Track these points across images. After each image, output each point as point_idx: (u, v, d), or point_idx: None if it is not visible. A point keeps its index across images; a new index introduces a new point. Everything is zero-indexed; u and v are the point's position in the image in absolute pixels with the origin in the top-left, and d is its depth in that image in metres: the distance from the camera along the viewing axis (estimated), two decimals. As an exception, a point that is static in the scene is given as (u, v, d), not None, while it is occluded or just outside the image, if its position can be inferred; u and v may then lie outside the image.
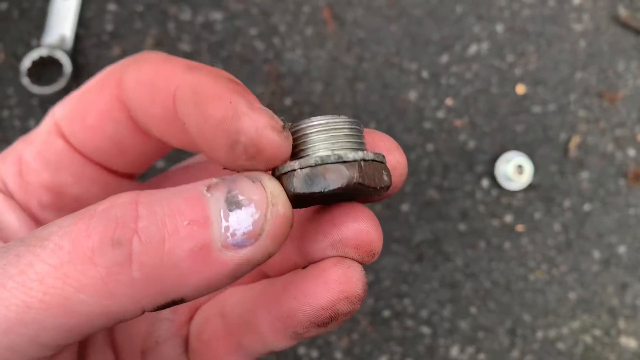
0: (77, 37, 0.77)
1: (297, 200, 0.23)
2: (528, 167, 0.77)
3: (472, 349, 0.78)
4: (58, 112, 0.28)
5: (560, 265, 0.80)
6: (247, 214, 0.21)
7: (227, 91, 0.23)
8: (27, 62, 0.73)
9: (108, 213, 0.20)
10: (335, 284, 0.24)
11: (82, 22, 0.77)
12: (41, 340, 0.20)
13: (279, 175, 0.24)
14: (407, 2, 0.81)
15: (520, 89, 0.81)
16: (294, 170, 0.23)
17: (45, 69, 0.75)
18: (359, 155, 0.23)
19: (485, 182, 0.79)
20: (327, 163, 0.23)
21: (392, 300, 0.78)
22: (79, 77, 0.77)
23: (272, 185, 0.22)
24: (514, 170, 0.77)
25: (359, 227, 0.24)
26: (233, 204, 0.21)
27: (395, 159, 0.26)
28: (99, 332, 0.29)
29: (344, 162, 0.23)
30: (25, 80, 0.73)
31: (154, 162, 0.31)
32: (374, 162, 0.24)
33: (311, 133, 0.24)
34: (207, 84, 0.23)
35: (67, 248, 0.20)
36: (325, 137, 0.24)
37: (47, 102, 0.76)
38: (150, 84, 0.24)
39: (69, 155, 0.28)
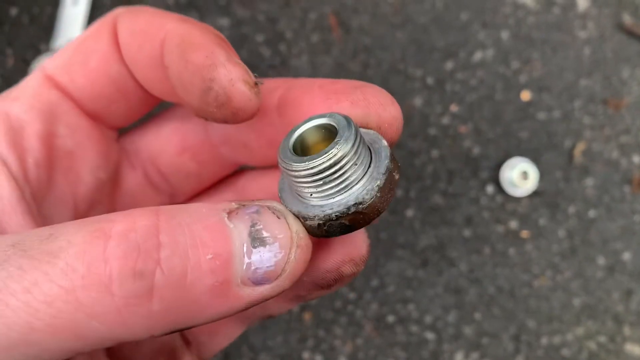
0: (86, 43, 0.78)
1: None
2: (533, 174, 0.78)
3: (476, 354, 0.78)
4: (50, 64, 0.27)
5: (564, 272, 0.80)
6: (270, 253, 0.20)
7: (210, 43, 0.23)
8: (36, 67, 0.74)
9: (127, 237, 0.19)
10: (339, 247, 0.24)
11: (91, 27, 0.78)
12: (43, 359, 0.19)
13: (297, 214, 0.22)
14: (413, 9, 0.81)
15: (525, 95, 0.81)
16: (315, 216, 0.22)
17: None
18: (372, 191, 0.22)
19: (490, 188, 0.80)
20: (347, 214, 0.22)
21: (397, 306, 0.78)
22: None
23: (297, 225, 0.22)
24: (519, 176, 0.77)
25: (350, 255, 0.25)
26: (257, 241, 0.20)
27: (391, 115, 0.26)
28: None
29: (361, 204, 0.22)
30: (35, 85, 0.74)
31: (142, 116, 0.30)
32: (385, 183, 0.22)
33: (316, 173, 0.22)
34: (194, 34, 0.24)
35: (82, 271, 0.18)
36: (336, 176, 0.22)
37: (56, 107, 0.77)
38: (142, 30, 0.25)
39: (64, 106, 0.27)
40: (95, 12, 0.78)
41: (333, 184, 0.22)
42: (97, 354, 0.28)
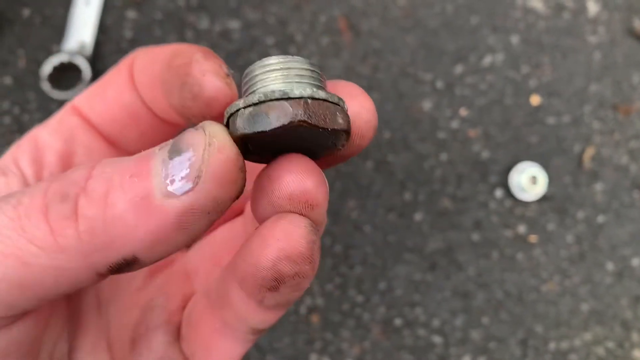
0: (97, 44, 0.78)
1: (246, 146, 0.22)
2: (542, 178, 0.78)
3: (483, 358, 0.78)
4: (77, 99, 0.31)
5: (573, 277, 0.79)
6: (184, 158, 0.20)
7: (193, 50, 0.26)
8: (47, 68, 0.75)
9: (67, 174, 0.22)
10: (273, 241, 0.22)
11: (102, 28, 0.79)
12: None
13: (228, 117, 0.23)
14: (423, 12, 0.81)
15: (535, 100, 0.81)
16: (239, 109, 0.22)
17: (65, 74, 0.76)
18: (307, 91, 0.21)
19: (498, 193, 0.80)
20: (271, 100, 0.21)
21: (404, 309, 0.78)
22: (98, 83, 0.78)
23: (213, 128, 0.21)
24: (528, 181, 0.77)
25: (291, 177, 0.22)
26: (174, 152, 0.21)
27: (359, 104, 0.24)
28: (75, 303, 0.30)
29: (289, 98, 0.21)
30: (46, 86, 0.75)
31: (155, 142, 0.32)
32: (325, 102, 0.21)
33: (261, 73, 0.22)
34: (182, 47, 0.26)
35: (26, 203, 0.21)
36: (275, 75, 0.22)
37: (67, 108, 0.78)
38: (149, 59, 0.28)
39: (82, 129, 0.30)
40: (106, 13, 0.79)
41: (295, 78, 0.22)
42: (93, 338, 0.29)
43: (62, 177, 0.21)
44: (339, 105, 0.22)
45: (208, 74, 0.24)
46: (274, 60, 0.22)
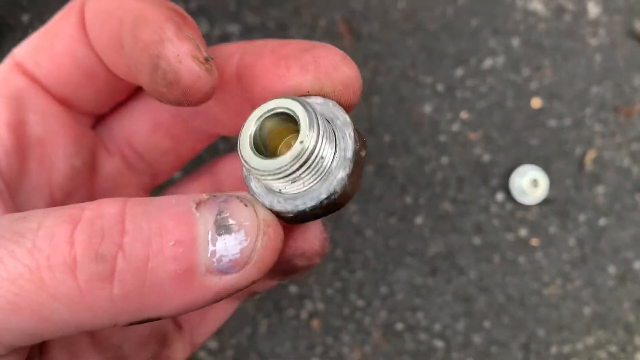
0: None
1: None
2: (543, 181, 0.77)
3: (485, 363, 0.77)
4: (18, 51, 0.27)
5: (575, 280, 0.79)
6: (236, 240, 0.20)
7: (162, 18, 0.22)
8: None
9: (94, 222, 0.19)
10: (292, 241, 0.24)
11: (102, 34, 0.79)
12: (5, 340, 0.19)
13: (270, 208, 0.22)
14: (423, 16, 0.81)
15: (536, 102, 0.81)
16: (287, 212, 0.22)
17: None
18: (342, 181, 0.22)
19: (499, 196, 0.79)
20: (320, 207, 0.22)
21: (406, 314, 0.78)
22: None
23: (265, 213, 0.21)
24: (529, 184, 0.77)
25: (312, 246, 0.25)
26: (222, 228, 0.20)
27: (345, 75, 0.24)
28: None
29: (333, 196, 0.22)
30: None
31: (117, 102, 0.30)
32: (354, 168, 0.22)
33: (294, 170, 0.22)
34: (147, 9, 0.22)
35: (47, 252, 0.19)
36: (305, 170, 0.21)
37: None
38: (104, 9, 0.24)
39: (32, 92, 0.26)
40: (106, 18, 0.79)
41: (301, 180, 0.21)
42: (79, 343, 0.27)
43: (88, 224, 0.19)
44: (357, 151, 0.22)
45: (185, 59, 0.22)
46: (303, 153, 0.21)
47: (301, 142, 0.20)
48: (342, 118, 0.23)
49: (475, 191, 0.79)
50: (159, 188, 0.35)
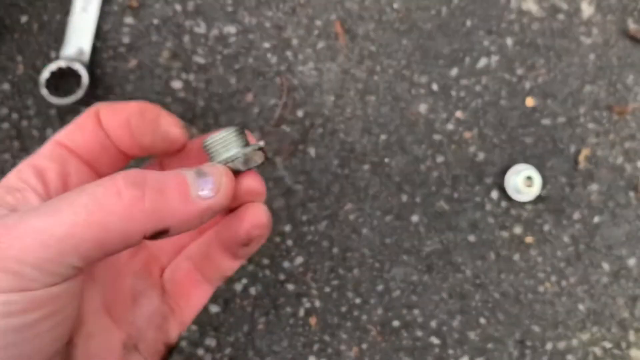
0: (94, 49, 0.79)
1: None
2: (537, 179, 0.78)
3: (481, 359, 0.78)
4: (58, 135, 0.39)
5: (569, 277, 0.80)
6: (209, 179, 0.35)
7: (159, 109, 0.40)
8: (45, 74, 0.75)
9: (126, 174, 0.32)
10: (248, 217, 0.40)
11: (100, 34, 0.79)
12: (81, 250, 0.29)
13: (225, 160, 0.38)
14: (418, 16, 0.82)
15: (530, 101, 0.82)
16: (236, 158, 0.38)
17: (63, 80, 0.77)
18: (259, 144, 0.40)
19: (494, 194, 0.80)
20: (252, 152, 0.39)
21: (402, 311, 0.78)
22: (95, 87, 0.78)
23: (222, 166, 0.37)
24: (524, 182, 0.77)
25: (252, 184, 0.40)
26: (201, 174, 0.35)
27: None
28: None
29: (258, 149, 0.40)
30: (44, 92, 0.75)
31: (120, 168, 0.43)
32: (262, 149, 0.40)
33: (226, 143, 0.39)
34: (148, 106, 0.39)
35: (101, 191, 0.31)
36: (237, 143, 0.39)
37: (65, 113, 0.78)
38: (113, 110, 0.39)
39: (71, 157, 0.39)
40: (103, 19, 0.79)
41: (231, 146, 0.39)
42: (102, 321, 0.39)
43: (122, 175, 0.32)
44: (263, 150, 0.40)
45: (172, 126, 0.39)
46: (225, 134, 0.40)
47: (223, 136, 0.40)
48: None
49: (471, 189, 0.80)
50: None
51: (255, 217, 0.39)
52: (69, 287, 0.31)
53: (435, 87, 0.81)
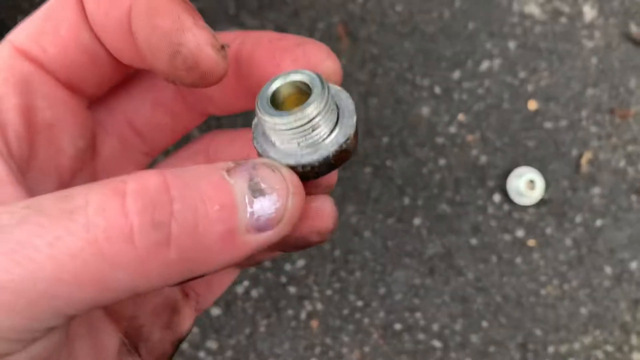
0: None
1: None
2: (540, 183, 0.78)
3: (483, 363, 0.78)
4: (18, 36, 0.27)
5: (571, 281, 0.80)
6: (270, 202, 0.22)
7: (177, 7, 0.24)
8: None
9: (142, 193, 0.21)
10: (309, 220, 0.27)
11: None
12: (66, 312, 0.21)
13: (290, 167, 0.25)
14: (420, 18, 0.82)
15: (532, 104, 0.82)
16: (320, 162, 0.25)
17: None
18: (353, 127, 0.25)
19: (497, 197, 0.80)
20: (340, 152, 0.25)
21: (404, 314, 0.78)
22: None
23: (292, 176, 0.24)
24: (526, 185, 0.77)
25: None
26: (257, 192, 0.22)
27: (330, 69, 0.27)
28: None
29: (347, 141, 0.25)
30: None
31: (112, 85, 0.31)
32: (356, 122, 0.26)
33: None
34: (162, 3, 0.24)
35: (103, 226, 0.20)
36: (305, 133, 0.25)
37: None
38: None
39: (40, 77, 0.27)
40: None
41: (319, 129, 0.25)
42: (94, 315, 0.29)
43: (137, 196, 0.21)
44: (356, 129, 0.26)
45: (205, 47, 0.24)
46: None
47: (314, 98, 0.24)
48: (344, 94, 0.26)
49: (473, 192, 0.80)
50: (151, 164, 0.36)
51: (322, 219, 0.27)
52: (57, 335, 0.23)
53: (437, 89, 0.81)
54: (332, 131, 0.25)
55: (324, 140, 0.25)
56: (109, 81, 0.30)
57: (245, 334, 0.77)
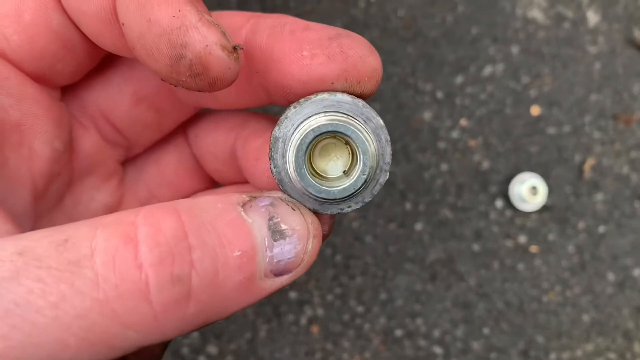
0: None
1: None
2: (542, 188, 0.78)
3: (484, 370, 0.77)
4: None
5: (574, 287, 0.79)
6: (290, 245, 0.20)
7: (182, 2, 0.19)
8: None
9: (157, 240, 0.18)
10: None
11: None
12: None
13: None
14: (423, 23, 0.82)
15: (535, 110, 0.81)
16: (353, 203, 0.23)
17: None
18: (381, 185, 0.23)
19: (499, 203, 0.80)
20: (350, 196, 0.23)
21: (405, 320, 0.78)
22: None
23: (311, 216, 0.22)
24: (528, 191, 0.77)
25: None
26: (277, 234, 0.20)
27: (371, 67, 0.24)
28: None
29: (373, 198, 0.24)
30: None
31: (88, 71, 0.27)
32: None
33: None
34: None
35: (114, 281, 0.17)
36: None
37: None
38: None
39: (2, 71, 0.22)
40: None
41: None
42: None
43: (151, 243, 0.18)
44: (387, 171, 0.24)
45: (215, 50, 0.19)
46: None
47: (366, 168, 0.22)
48: (376, 121, 0.23)
49: (475, 198, 0.80)
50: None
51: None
52: None
53: (439, 94, 0.81)
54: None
55: (363, 196, 0.23)
56: (85, 68, 0.25)
57: (246, 338, 0.77)
